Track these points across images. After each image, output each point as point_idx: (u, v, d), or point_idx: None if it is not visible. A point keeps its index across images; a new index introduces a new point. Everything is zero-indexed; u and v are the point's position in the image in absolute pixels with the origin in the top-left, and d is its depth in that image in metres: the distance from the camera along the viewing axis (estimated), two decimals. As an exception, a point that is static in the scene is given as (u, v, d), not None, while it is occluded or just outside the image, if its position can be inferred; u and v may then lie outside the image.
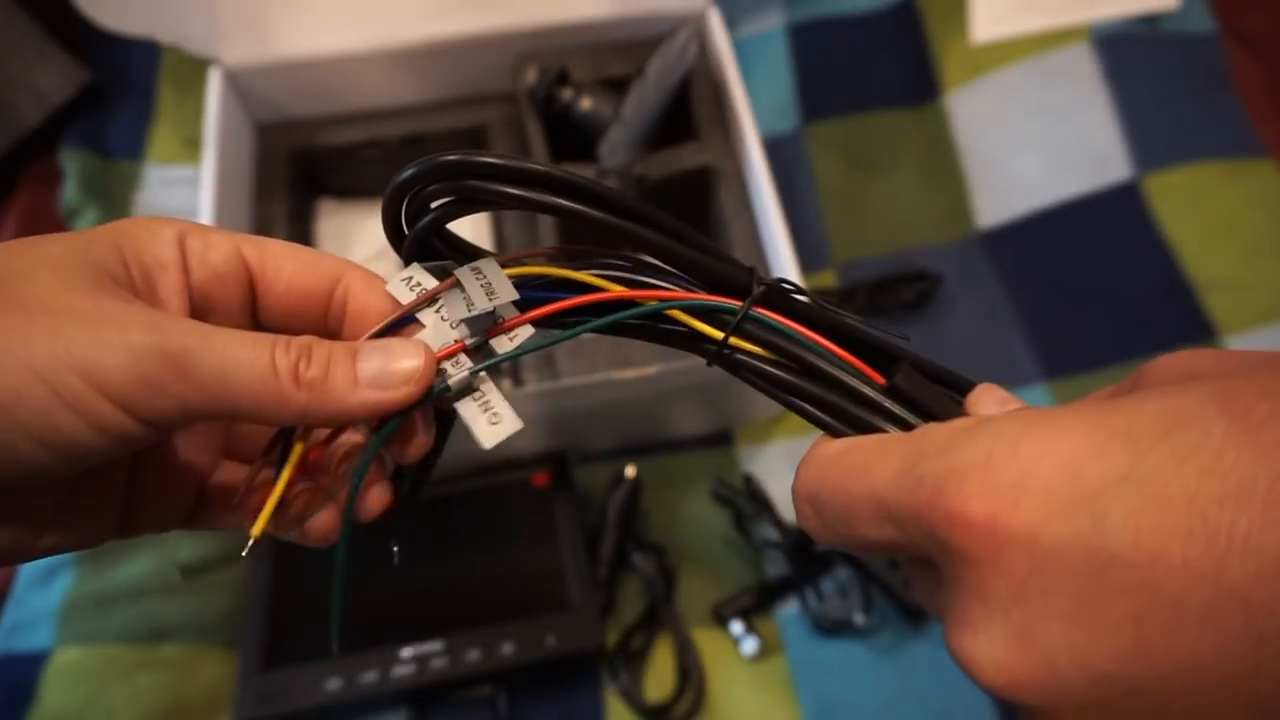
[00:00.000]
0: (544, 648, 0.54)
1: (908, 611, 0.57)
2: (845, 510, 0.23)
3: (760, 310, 0.26)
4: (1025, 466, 0.20)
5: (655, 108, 0.64)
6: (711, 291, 0.27)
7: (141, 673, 0.55)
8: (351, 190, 0.74)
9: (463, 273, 0.26)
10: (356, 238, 0.72)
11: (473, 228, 0.74)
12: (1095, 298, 0.68)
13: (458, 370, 0.26)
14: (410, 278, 0.27)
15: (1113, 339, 0.67)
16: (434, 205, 0.25)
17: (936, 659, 0.57)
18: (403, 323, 0.27)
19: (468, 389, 0.26)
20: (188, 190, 0.73)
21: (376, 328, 0.26)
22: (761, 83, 0.79)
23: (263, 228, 0.67)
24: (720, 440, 0.66)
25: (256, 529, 0.26)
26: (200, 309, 0.26)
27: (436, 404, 0.26)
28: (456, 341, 0.26)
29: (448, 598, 0.57)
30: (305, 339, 0.25)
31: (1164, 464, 0.18)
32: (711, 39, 0.68)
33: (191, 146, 0.74)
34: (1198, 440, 0.18)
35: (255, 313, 0.28)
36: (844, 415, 0.26)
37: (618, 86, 0.65)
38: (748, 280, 0.26)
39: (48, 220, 0.72)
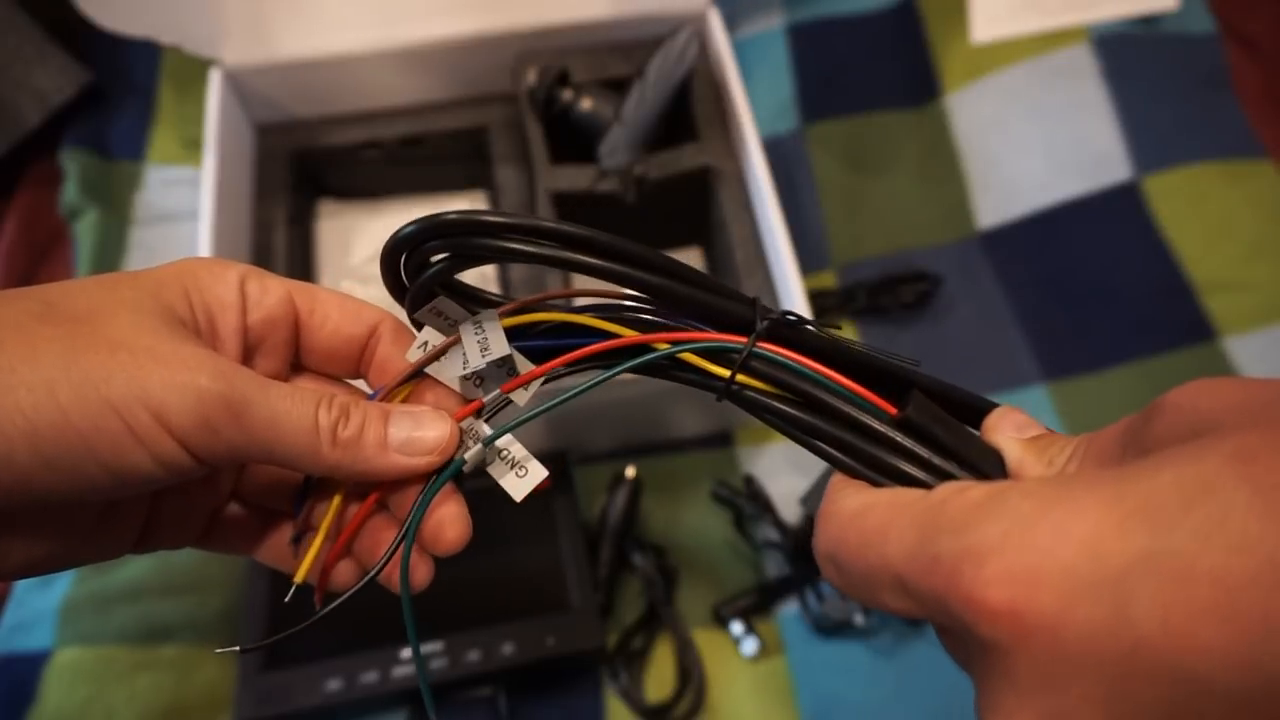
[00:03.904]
0: (544, 648, 0.54)
1: (908, 612, 0.57)
2: (864, 577, 0.23)
3: (765, 346, 0.26)
4: (1043, 549, 0.19)
5: (655, 108, 0.64)
6: (717, 328, 0.27)
7: (141, 673, 0.55)
8: (351, 190, 0.74)
9: (464, 328, 0.27)
10: (356, 238, 0.72)
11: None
12: (1095, 298, 0.68)
13: (474, 443, 0.27)
14: (426, 343, 0.28)
15: (1113, 339, 0.67)
16: (434, 260, 0.26)
17: (936, 659, 0.57)
18: (415, 377, 0.28)
19: (485, 459, 0.28)
20: (188, 191, 0.73)
21: (392, 384, 0.28)
22: (761, 83, 0.79)
23: (263, 228, 0.67)
24: (720, 441, 0.66)
25: (299, 575, 0.28)
26: (251, 348, 0.28)
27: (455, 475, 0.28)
28: (474, 400, 0.28)
29: (448, 598, 0.56)
30: (345, 399, 0.27)
31: (1188, 543, 0.18)
32: (711, 39, 0.68)
33: (192, 147, 0.74)
34: (1220, 514, 0.17)
35: (298, 352, 0.30)
36: (858, 454, 0.25)
37: (618, 87, 0.65)
38: (752, 314, 0.26)
39: (48, 221, 0.73)
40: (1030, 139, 0.74)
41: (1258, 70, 0.75)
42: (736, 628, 0.58)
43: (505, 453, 0.28)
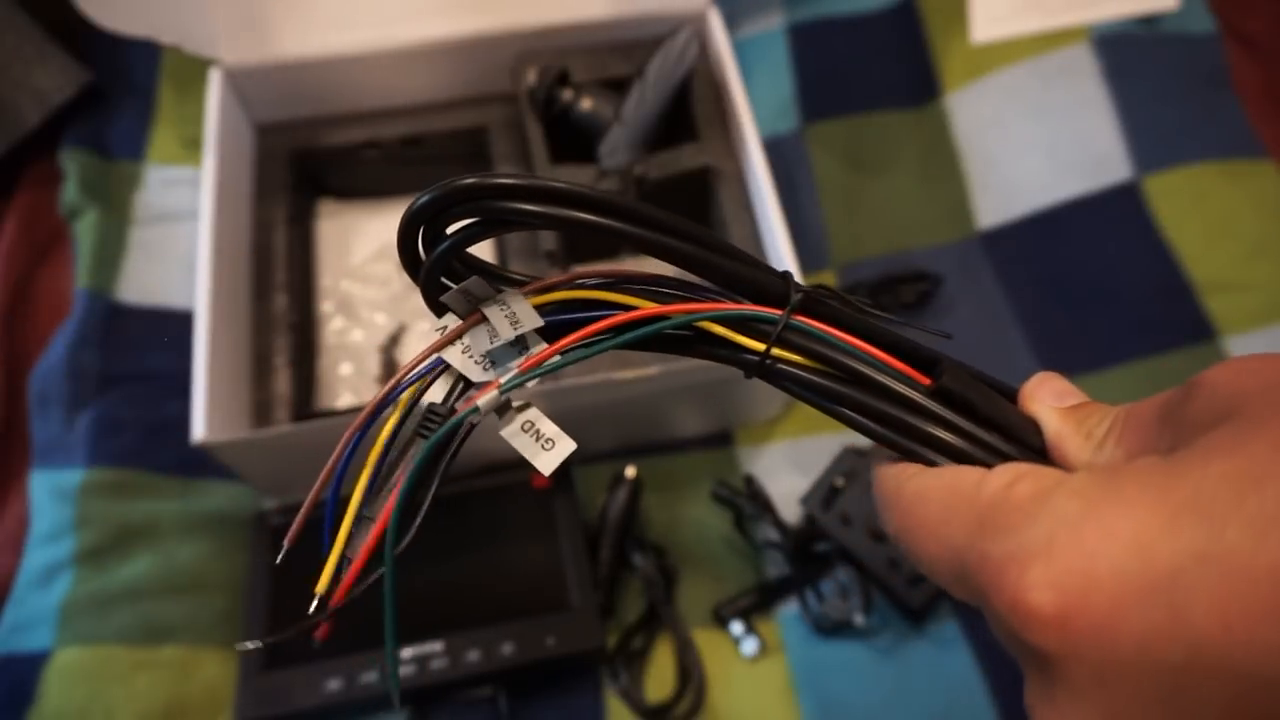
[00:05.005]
0: (544, 648, 0.54)
1: (908, 611, 0.57)
2: (929, 564, 0.23)
3: (800, 318, 0.25)
4: (1091, 552, 0.18)
5: (655, 108, 0.64)
6: (746, 301, 0.26)
7: (141, 673, 0.55)
8: (351, 190, 0.74)
9: (488, 306, 0.26)
10: (356, 238, 0.72)
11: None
12: (1095, 298, 0.68)
13: (485, 395, 0.26)
14: (444, 328, 0.27)
15: (1113, 339, 0.67)
16: (450, 230, 0.24)
17: (936, 659, 0.57)
18: (429, 367, 0.26)
19: (503, 408, 0.26)
20: (188, 191, 0.73)
21: (400, 375, 0.26)
22: (761, 83, 0.79)
23: (263, 228, 0.67)
24: (720, 440, 0.66)
25: (321, 586, 0.26)
26: None
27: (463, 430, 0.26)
28: (490, 382, 0.26)
29: (448, 598, 0.57)
30: None
31: (1242, 539, 0.17)
32: (711, 39, 0.68)
33: (192, 147, 0.74)
34: (1273, 506, 0.17)
35: None
36: (897, 425, 0.25)
37: (618, 87, 0.65)
38: (783, 287, 0.26)
39: (48, 221, 0.72)
40: (1030, 139, 0.74)
41: (1258, 70, 0.75)
42: (736, 628, 0.58)
43: (530, 425, 0.26)
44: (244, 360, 0.62)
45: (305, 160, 0.71)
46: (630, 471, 0.60)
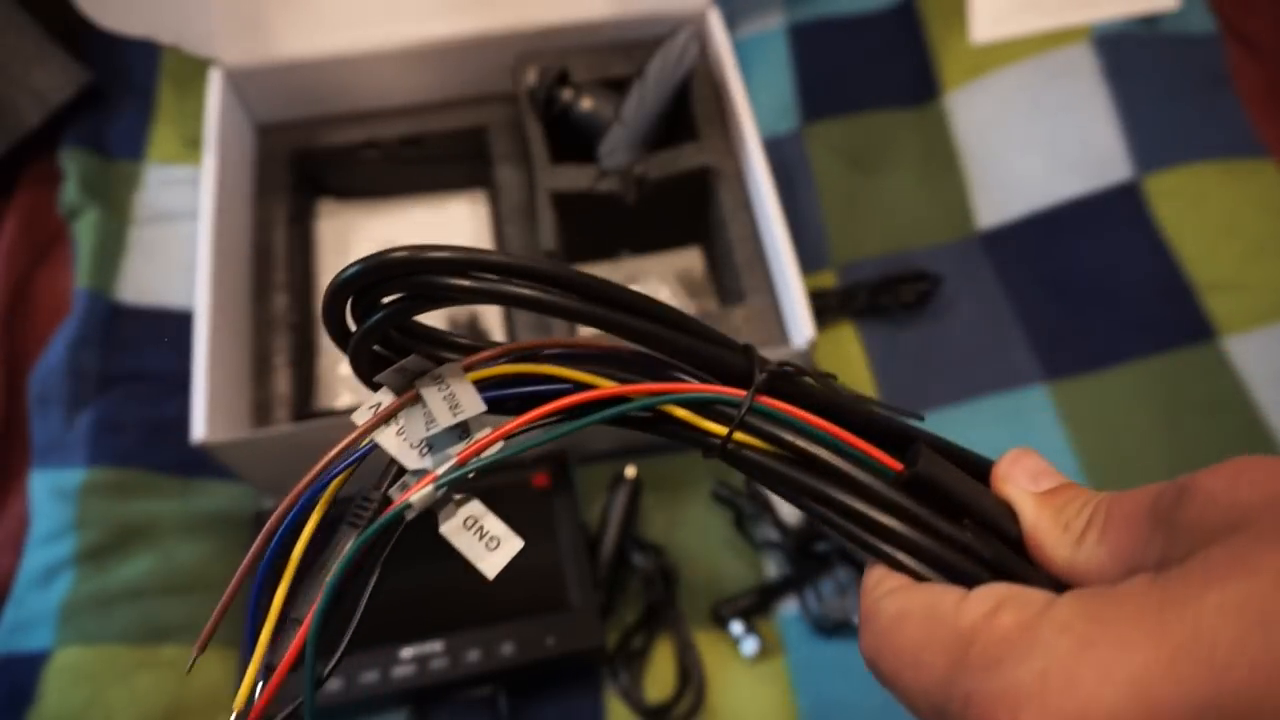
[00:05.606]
0: (544, 648, 0.54)
1: (908, 612, 0.57)
2: (904, 696, 0.22)
3: (764, 400, 0.24)
4: (1087, 695, 0.18)
5: (655, 108, 0.64)
6: (711, 379, 0.24)
7: (141, 673, 0.55)
8: (351, 190, 0.74)
9: (424, 384, 0.24)
10: (356, 238, 0.72)
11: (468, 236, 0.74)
12: (1095, 298, 0.68)
13: (419, 490, 0.23)
14: (379, 404, 0.24)
15: (1113, 339, 0.67)
16: (385, 301, 0.22)
17: (936, 659, 0.57)
18: (361, 453, 0.24)
19: (442, 501, 0.24)
20: (188, 190, 0.73)
21: (325, 460, 0.24)
22: (761, 83, 0.79)
23: (263, 228, 0.67)
24: (720, 440, 0.65)
25: (238, 703, 0.24)
26: None
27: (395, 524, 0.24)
28: (427, 474, 0.23)
29: (448, 598, 0.57)
30: None
31: (1248, 684, 0.16)
32: (711, 39, 0.68)
33: (192, 146, 0.74)
34: None
35: None
36: (860, 519, 0.23)
37: (618, 87, 0.65)
38: (746, 364, 0.24)
39: (48, 221, 0.72)
40: (1030, 138, 0.74)
41: (1258, 70, 0.75)
42: (736, 628, 0.58)
43: (473, 522, 0.24)
44: (244, 360, 0.62)
45: (305, 160, 0.71)
46: (630, 471, 0.60)
